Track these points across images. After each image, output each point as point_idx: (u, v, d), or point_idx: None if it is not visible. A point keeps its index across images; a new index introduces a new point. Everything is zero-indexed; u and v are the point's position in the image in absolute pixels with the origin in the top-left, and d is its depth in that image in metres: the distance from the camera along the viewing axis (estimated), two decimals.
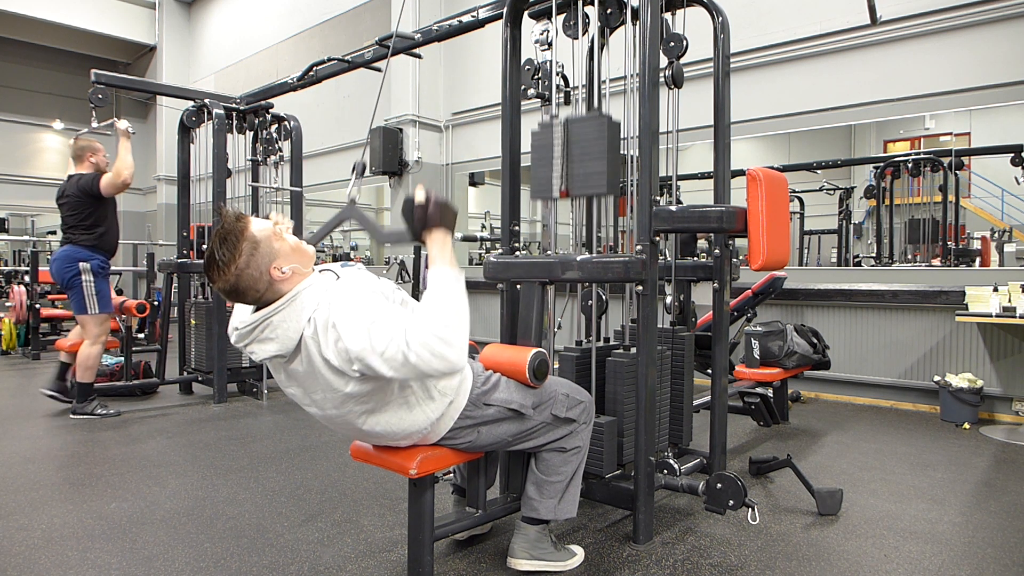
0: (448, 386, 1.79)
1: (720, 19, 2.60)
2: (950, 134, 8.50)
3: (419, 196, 1.69)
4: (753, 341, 3.79)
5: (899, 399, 4.51)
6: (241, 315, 1.68)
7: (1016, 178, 6.38)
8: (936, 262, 6.39)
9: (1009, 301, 3.73)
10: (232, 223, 1.59)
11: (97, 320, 4.12)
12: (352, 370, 1.57)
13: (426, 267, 6.50)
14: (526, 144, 2.51)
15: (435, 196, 1.70)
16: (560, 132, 2.32)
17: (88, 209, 4.13)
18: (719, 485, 2.23)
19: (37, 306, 6.92)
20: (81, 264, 4.07)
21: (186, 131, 5.04)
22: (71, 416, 4.12)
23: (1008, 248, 6.62)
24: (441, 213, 1.69)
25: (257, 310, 1.65)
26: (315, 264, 1.76)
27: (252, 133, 5.29)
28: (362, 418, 1.73)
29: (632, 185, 2.47)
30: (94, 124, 4.30)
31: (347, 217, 1.97)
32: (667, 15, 2.62)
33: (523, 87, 2.63)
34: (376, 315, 1.57)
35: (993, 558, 2.16)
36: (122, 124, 4.23)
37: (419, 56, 4.41)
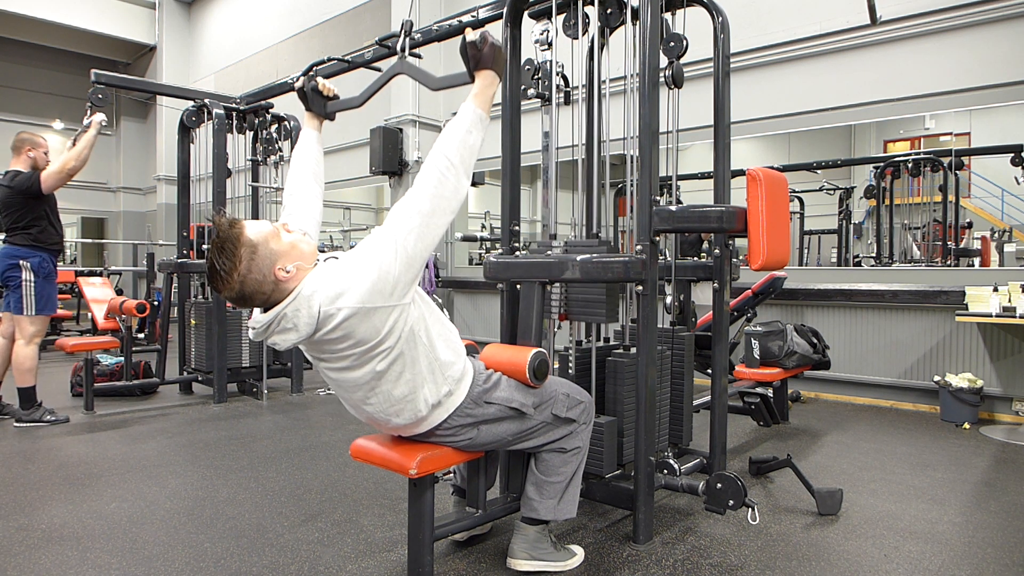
0: (451, 374, 1.79)
1: (720, 19, 2.60)
2: (950, 134, 8.51)
3: (472, 35, 1.78)
4: (753, 341, 3.79)
5: (899, 399, 4.51)
6: (256, 314, 1.70)
7: (1016, 178, 6.39)
8: (936, 262, 6.39)
9: (1009, 301, 3.73)
10: (227, 230, 1.59)
11: (32, 320, 3.91)
12: (395, 295, 1.61)
13: None
14: (526, 144, 2.52)
15: (491, 38, 1.78)
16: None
17: (22, 210, 3.91)
18: (719, 485, 2.23)
19: None
20: (22, 262, 3.89)
21: (186, 131, 5.04)
22: (15, 424, 3.90)
23: (1008, 248, 6.62)
24: (494, 55, 1.78)
25: (266, 310, 1.65)
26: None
27: (252, 133, 5.29)
28: (369, 381, 1.73)
29: (632, 185, 2.47)
30: (85, 122, 4.23)
31: (398, 72, 2.06)
32: (667, 15, 2.63)
33: (523, 87, 2.63)
34: (379, 232, 1.67)
35: (993, 558, 2.16)
36: (97, 116, 4.10)
37: (419, 56, 4.41)
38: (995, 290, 3.80)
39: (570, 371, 2.47)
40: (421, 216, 1.65)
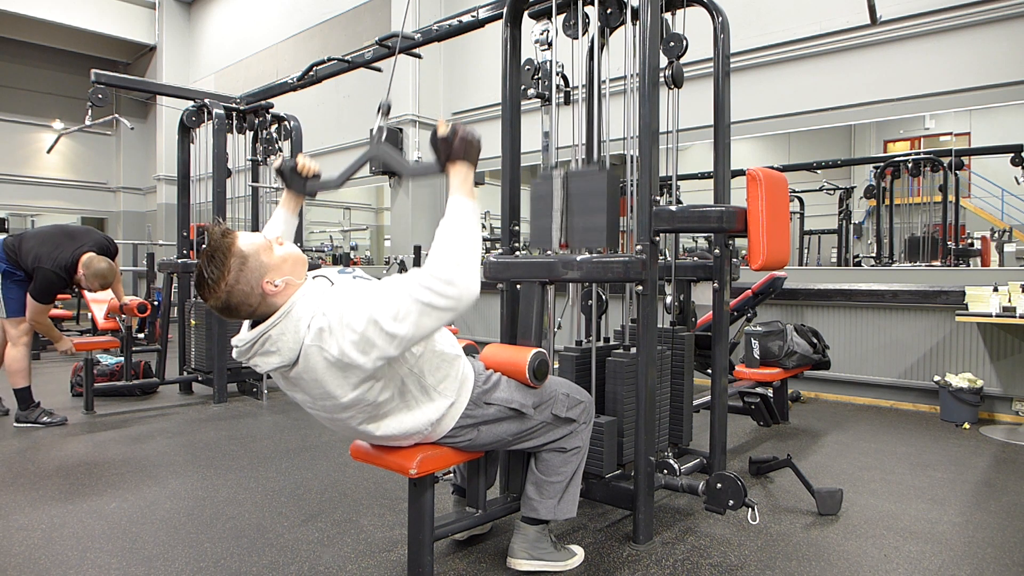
0: (449, 387, 1.79)
1: (720, 19, 2.60)
2: (950, 134, 8.49)
3: (443, 129, 1.74)
4: (753, 341, 3.79)
5: (899, 399, 4.51)
6: (241, 332, 1.67)
7: (1016, 178, 6.38)
8: (936, 262, 6.39)
9: (1009, 301, 3.73)
10: (218, 239, 1.58)
11: (12, 323, 3.90)
12: (372, 361, 1.56)
13: None
14: (526, 144, 2.52)
15: (461, 130, 1.74)
16: (560, 184, 2.35)
17: (40, 250, 3.83)
18: (719, 485, 2.23)
19: None
20: None
21: (186, 131, 5.04)
22: (15, 424, 3.93)
23: (1008, 248, 6.61)
24: (466, 147, 1.74)
25: (253, 325, 1.64)
26: (310, 269, 1.76)
27: (252, 133, 5.29)
28: (363, 423, 1.74)
29: (632, 185, 2.47)
30: (88, 122, 4.21)
31: (373, 155, 2.01)
32: (667, 15, 2.62)
33: (523, 87, 2.63)
34: (376, 291, 1.60)
35: (993, 558, 2.16)
36: (63, 345, 4.18)
37: (419, 56, 4.42)
38: (995, 290, 3.80)
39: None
40: (426, 307, 1.55)
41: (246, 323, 1.69)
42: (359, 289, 1.64)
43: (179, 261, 4.88)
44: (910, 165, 6.71)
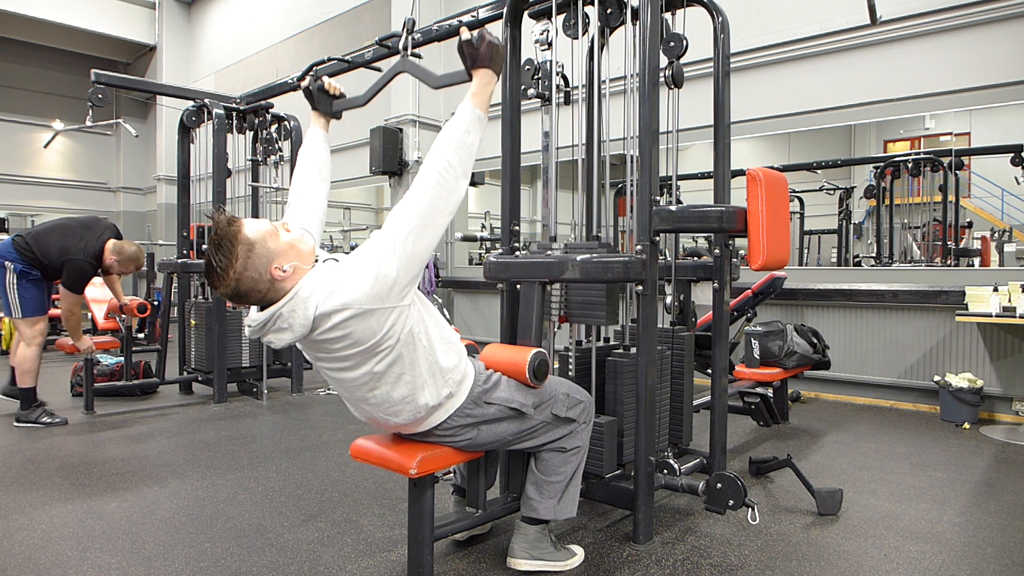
0: (453, 377, 1.79)
1: (720, 19, 2.60)
2: (950, 134, 8.52)
3: (466, 34, 1.78)
4: (753, 341, 3.79)
5: (899, 399, 4.51)
6: (253, 312, 1.70)
7: (1016, 178, 6.40)
8: (936, 262, 6.39)
9: (1009, 301, 3.73)
10: (225, 227, 1.59)
11: (27, 323, 3.89)
12: (390, 296, 1.61)
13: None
14: (526, 144, 2.52)
15: (488, 35, 1.78)
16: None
17: (67, 240, 3.87)
18: (719, 485, 2.23)
19: None
20: (7, 263, 3.82)
21: (186, 131, 5.04)
22: (15, 424, 3.92)
23: (1008, 248, 6.62)
24: (492, 52, 1.78)
25: (262, 309, 1.65)
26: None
27: (252, 133, 5.29)
28: (368, 382, 1.73)
29: (632, 185, 2.47)
30: (88, 123, 4.23)
31: (400, 70, 2.08)
32: (667, 15, 2.63)
33: (523, 87, 2.63)
34: (375, 238, 1.66)
35: (993, 558, 2.16)
36: (84, 344, 4.21)
37: (419, 56, 4.41)
38: (995, 290, 3.80)
39: (570, 372, 2.47)
40: (419, 218, 1.65)
41: (253, 307, 1.71)
42: (364, 246, 1.69)
43: (179, 261, 4.88)
44: (910, 165, 6.71)
